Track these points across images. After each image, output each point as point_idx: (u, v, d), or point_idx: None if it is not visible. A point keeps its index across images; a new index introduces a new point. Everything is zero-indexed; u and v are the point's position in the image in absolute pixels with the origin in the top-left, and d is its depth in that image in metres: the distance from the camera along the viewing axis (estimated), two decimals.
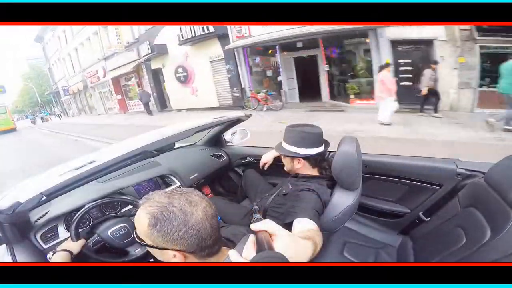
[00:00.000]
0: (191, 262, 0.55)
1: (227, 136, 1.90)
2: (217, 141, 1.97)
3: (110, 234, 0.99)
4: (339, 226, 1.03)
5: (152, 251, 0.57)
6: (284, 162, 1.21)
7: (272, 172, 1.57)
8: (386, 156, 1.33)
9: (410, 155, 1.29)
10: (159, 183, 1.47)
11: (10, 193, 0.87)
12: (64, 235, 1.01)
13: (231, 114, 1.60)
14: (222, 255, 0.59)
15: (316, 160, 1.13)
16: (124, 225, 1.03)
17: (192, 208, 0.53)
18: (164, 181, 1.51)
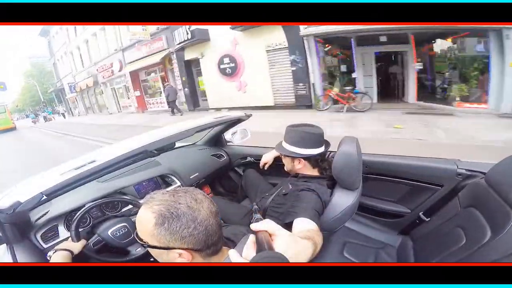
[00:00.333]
0: (197, 261, 0.55)
1: (228, 135, 1.90)
2: (217, 140, 1.97)
3: (110, 234, 0.99)
4: (339, 226, 1.04)
5: (154, 252, 0.55)
6: (284, 162, 1.21)
7: (272, 172, 1.57)
8: (387, 156, 1.33)
9: (410, 155, 1.29)
10: (160, 183, 1.47)
11: (10, 192, 0.87)
12: (64, 235, 1.01)
13: (232, 114, 1.60)
14: (223, 255, 0.59)
15: (316, 160, 1.12)
16: (124, 224, 1.03)
17: (198, 205, 0.53)
18: (164, 180, 1.51)
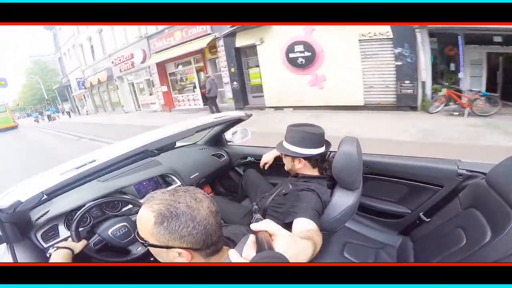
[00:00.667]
0: (196, 261, 0.55)
1: (228, 135, 1.90)
2: (217, 140, 1.97)
3: (110, 234, 0.99)
4: (340, 226, 1.04)
5: (154, 251, 0.56)
6: (284, 161, 1.21)
7: (272, 171, 1.57)
8: (387, 156, 1.32)
9: (411, 156, 1.29)
10: (160, 183, 1.47)
11: (11, 192, 0.87)
12: (64, 234, 1.01)
13: (232, 113, 1.60)
14: (223, 255, 0.59)
15: (317, 160, 1.12)
16: (124, 224, 1.03)
17: (197, 204, 0.53)
18: (164, 180, 1.51)
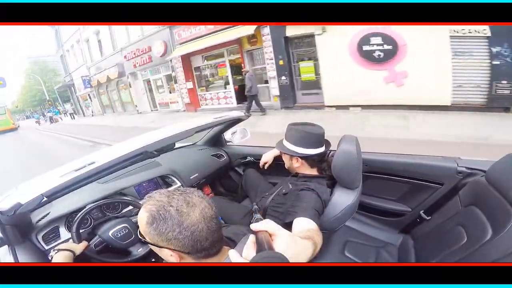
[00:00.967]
0: (187, 262, 0.56)
1: (227, 135, 1.90)
2: (217, 140, 1.97)
3: (111, 235, 0.99)
4: (340, 225, 1.03)
5: (152, 248, 0.58)
6: (284, 159, 1.22)
7: (272, 171, 1.57)
8: (387, 155, 1.32)
9: (410, 154, 1.29)
10: (160, 184, 1.47)
11: (11, 194, 0.87)
12: (65, 236, 1.02)
13: (232, 113, 1.60)
14: (223, 255, 0.59)
15: (314, 160, 1.12)
16: (125, 225, 1.03)
17: (189, 209, 0.53)
18: (164, 181, 1.51)
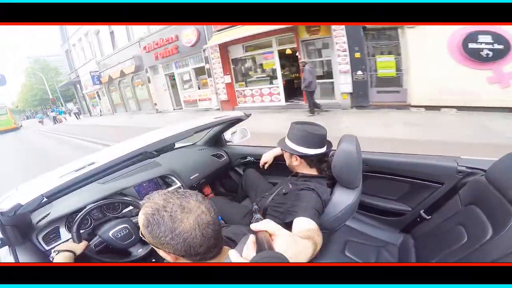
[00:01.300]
0: (183, 262, 0.56)
1: (227, 135, 1.90)
2: (217, 140, 1.97)
3: (111, 235, 0.99)
4: (340, 224, 1.03)
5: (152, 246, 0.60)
6: (284, 156, 1.23)
7: (272, 171, 1.57)
8: (387, 154, 1.32)
9: (410, 153, 1.29)
10: (160, 184, 1.47)
11: (11, 195, 0.87)
12: (65, 236, 1.02)
13: (231, 113, 1.60)
14: (223, 255, 0.59)
15: (312, 160, 1.12)
16: (125, 226, 1.03)
17: (183, 215, 0.52)
18: (164, 181, 1.51)
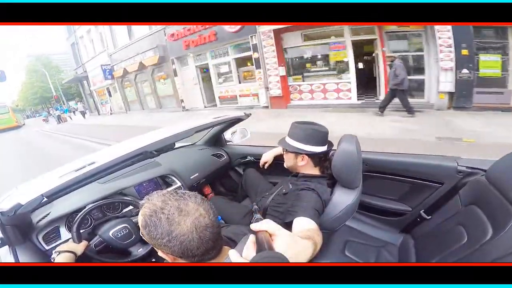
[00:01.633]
0: (181, 262, 0.56)
1: (227, 135, 1.90)
2: (217, 140, 1.97)
3: (111, 235, 0.99)
4: (340, 224, 1.03)
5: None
6: (286, 158, 1.18)
7: (272, 171, 1.57)
8: (387, 154, 1.32)
9: (410, 153, 1.29)
10: (160, 184, 1.47)
11: (11, 194, 0.87)
12: (65, 236, 1.02)
13: (231, 113, 1.60)
14: (223, 255, 0.59)
15: (320, 158, 1.12)
16: (125, 225, 1.03)
17: (180, 218, 0.51)
18: (164, 181, 1.50)
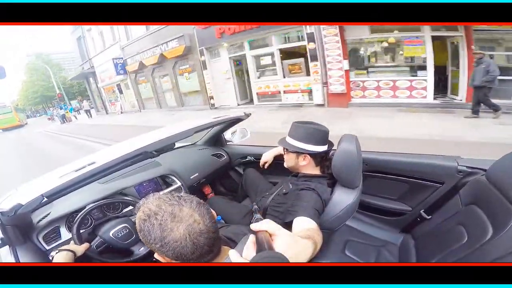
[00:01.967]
0: (182, 263, 0.56)
1: (227, 135, 1.90)
2: (217, 140, 1.97)
3: (112, 235, 0.99)
4: (340, 224, 1.03)
5: None
6: (286, 158, 1.17)
7: (272, 171, 1.57)
8: (387, 154, 1.32)
9: (411, 153, 1.29)
10: (160, 184, 1.47)
11: (11, 194, 0.87)
12: (66, 236, 1.02)
13: (231, 113, 1.60)
14: (223, 255, 0.59)
15: (322, 158, 1.12)
16: (125, 225, 1.03)
17: (173, 224, 0.51)
18: (164, 181, 1.50)
